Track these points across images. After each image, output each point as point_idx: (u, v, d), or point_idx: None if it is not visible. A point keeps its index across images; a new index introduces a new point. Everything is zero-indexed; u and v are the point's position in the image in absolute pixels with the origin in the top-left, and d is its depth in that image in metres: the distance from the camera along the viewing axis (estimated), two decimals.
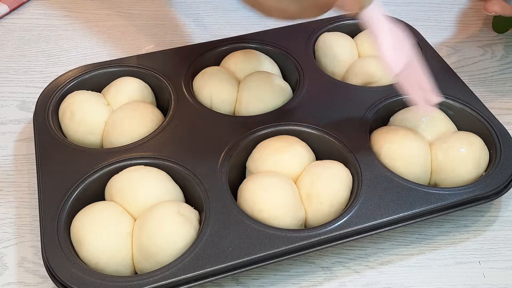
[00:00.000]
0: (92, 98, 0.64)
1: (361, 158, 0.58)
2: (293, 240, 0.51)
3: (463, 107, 0.64)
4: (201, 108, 0.65)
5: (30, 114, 0.69)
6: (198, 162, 0.58)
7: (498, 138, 0.61)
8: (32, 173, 0.62)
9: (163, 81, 0.67)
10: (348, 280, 0.55)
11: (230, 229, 0.52)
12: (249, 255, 0.50)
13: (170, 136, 0.61)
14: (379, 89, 0.67)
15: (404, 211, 0.54)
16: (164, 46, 0.77)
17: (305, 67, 0.69)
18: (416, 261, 0.56)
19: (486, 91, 0.74)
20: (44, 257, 0.51)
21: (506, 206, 0.61)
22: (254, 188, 0.55)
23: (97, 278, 0.49)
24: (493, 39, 0.83)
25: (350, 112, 0.63)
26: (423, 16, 0.87)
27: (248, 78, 0.67)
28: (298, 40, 0.73)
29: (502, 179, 0.57)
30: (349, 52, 0.72)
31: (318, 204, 0.55)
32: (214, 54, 0.72)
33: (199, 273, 0.49)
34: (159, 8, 0.87)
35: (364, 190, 0.56)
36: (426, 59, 0.71)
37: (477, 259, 0.57)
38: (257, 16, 0.87)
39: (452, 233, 0.59)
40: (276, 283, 0.55)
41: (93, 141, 0.63)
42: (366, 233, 0.53)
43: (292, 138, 0.60)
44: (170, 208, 0.53)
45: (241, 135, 0.61)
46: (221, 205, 0.54)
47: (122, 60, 0.71)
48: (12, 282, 0.54)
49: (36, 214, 0.57)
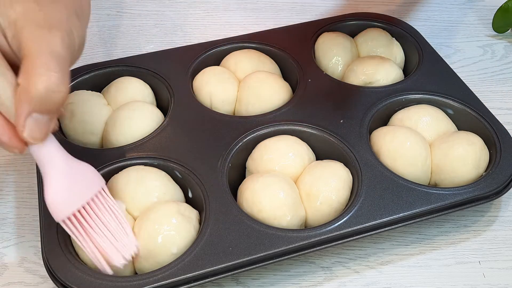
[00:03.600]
0: (92, 98, 0.64)
1: (361, 158, 0.58)
2: (293, 240, 0.51)
3: (463, 107, 0.64)
4: (201, 108, 0.65)
5: None
6: (198, 162, 0.58)
7: (498, 138, 0.61)
8: (32, 173, 0.62)
9: (163, 81, 0.67)
10: (348, 280, 0.55)
11: (230, 229, 0.52)
12: (249, 255, 0.50)
13: (170, 136, 0.61)
14: (379, 89, 0.67)
15: (404, 211, 0.54)
16: (164, 46, 0.77)
17: (305, 67, 0.69)
18: (416, 261, 0.56)
19: (486, 91, 0.74)
20: (44, 257, 0.51)
21: (506, 206, 0.61)
22: (254, 188, 0.55)
23: (97, 278, 0.49)
24: (493, 39, 0.83)
25: (350, 112, 0.63)
26: (423, 16, 0.86)
27: (248, 78, 0.67)
28: (298, 40, 0.73)
29: (502, 179, 0.57)
30: (349, 52, 0.72)
31: (318, 204, 0.55)
32: (214, 54, 0.72)
33: (199, 273, 0.49)
34: (159, 8, 0.87)
35: (364, 190, 0.56)
36: (426, 59, 0.71)
37: (477, 259, 0.57)
38: (257, 16, 0.87)
39: (452, 233, 0.59)
40: (276, 283, 0.55)
41: (93, 141, 0.63)
42: (366, 233, 0.53)
43: (292, 138, 0.60)
44: (170, 208, 0.53)
45: (241, 135, 0.61)
46: (221, 205, 0.54)
47: (122, 60, 0.71)
48: (12, 282, 0.54)
49: (36, 214, 0.57)
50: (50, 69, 0.41)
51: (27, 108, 0.41)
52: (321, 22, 0.76)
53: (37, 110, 0.41)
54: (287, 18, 0.85)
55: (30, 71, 0.41)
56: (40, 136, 0.43)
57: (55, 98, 0.41)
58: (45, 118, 0.43)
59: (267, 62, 0.70)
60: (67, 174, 0.47)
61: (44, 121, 0.43)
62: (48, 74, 0.41)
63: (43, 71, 0.41)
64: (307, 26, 0.76)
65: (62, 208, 0.47)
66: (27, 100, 0.41)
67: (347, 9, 0.83)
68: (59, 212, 0.47)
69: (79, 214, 0.48)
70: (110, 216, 0.50)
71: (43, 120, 0.42)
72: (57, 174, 0.47)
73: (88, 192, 0.49)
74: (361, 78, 0.68)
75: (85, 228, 0.48)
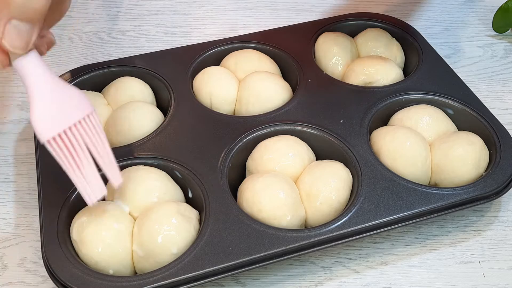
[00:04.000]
0: (92, 98, 0.64)
1: (361, 158, 0.58)
2: (293, 240, 0.51)
3: (463, 107, 0.64)
4: (201, 108, 0.65)
5: None
6: (198, 162, 0.58)
7: (498, 138, 0.61)
8: (32, 173, 0.62)
9: (163, 81, 0.67)
10: (348, 280, 0.55)
11: (230, 229, 0.52)
12: (249, 255, 0.50)
13: (170, 136, 0.61)
14: (379, 89, 0.67)
15: (404, 211, 0.54)
16: (164, 46, 0.77)
17: (305, 67, 0.69)
18: (416, 261, 0.56)
19: (486, 91, 0.74)
20: (44, 257, 0.51)
21: (506, 206, 0.61)
22: (254, 188, 0.55)
23: (97, 278, 0.49)
24: (493, 39, 0.83)
25: (350, 112, 0.63)
26: (423, 16, 0.86)
27: (248, 78, 0.67)
28: (298, 40, 0.73)
29: (502, 179, 0.57)
30: (349, 52, 0.72)
31: (318, 204, 0.55)
32: (214, 54, 0.72)
33: (199, 273, 0.49)
34: (159, 8, 0.87)
35: (364, 190, 0.56)
36: (426, 59, 0.71)
37: (477, 259, 0.57)
38: (257, 16, 0.87)
39: (452, 233, 0.59)
40: (276, 283, 0.55)
41: None
42: (366, 233, 0.53)
43: (292, 138, 0.60)
44: (170, 208, 0.53)
45: (241, 135, 0.61)
46: (221, 205, 0.54)
47: (122, 60, 0.71)
48: (12, 282, 0.54)
49: (36, 214, 0.57)
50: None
51: (6, 15, 0.41)
52: (321, 22, 0.77)
53: (15, 16, 0.41)
54: (287, 18, 0.85)
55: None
56: (20, 44, 0.42)
57: (34, 4, 0.41)
58: (26, 26, 0.42)
59: (267, 62, 0.70)
60: (53, 92, 0.46)
61: (25, 30, 0.42)
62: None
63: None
64: (307, 26, 0.76)
65: (47, 127, 0.45)
66: (6, 5, 0.41)
67: (347, 9, 0.83)
68: (44, 131, 0.45)
69: (65, 137, 0.46)
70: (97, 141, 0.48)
71: (24, 28, 0.42)
72: (42, 91, 0.45)
73: (75, 114, 0.47)
74: (361, 78, 0.68)
75: (71, 152, 0.47)
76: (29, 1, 0.41)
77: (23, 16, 0.41)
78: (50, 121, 0.45)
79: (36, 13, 0.42)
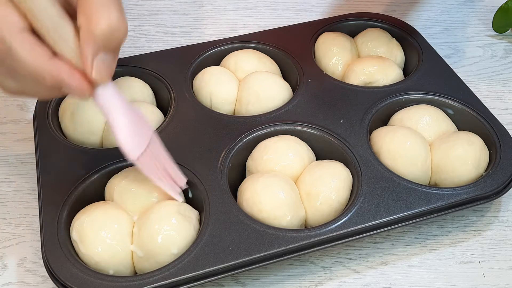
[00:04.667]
0: None
1: (361, 158, 0.58)
2: (293, 240, 0.51)
3: (463, 107, 0.64)
4: (201, 108, 0.65)
5: (30, 114, 0.69)
6: (198, 162, 0.58)
7: (498, 138, 0.61)
8: (32, 173, 0.62)
9: (163, 81, 0.67)
10: (348, 280, 0.55)
11: (230, 229, 0.52)
12: (249, 255, 0.50)
13: (170, 136, 0.61)
14: (379, 89, 0.67)
15: (404, 211, 0.54)
16: (164, 46, 0.77)
17: (305, 67, 0.69)
18: (416, 261, 0.56)
19: (486, 91, 0.74)
20: (44, 257, 0.51)
21: (506, 206, 0.61)
22: (254, 188, 0.55)
23: (97, 278, 0.49)
24: (493, 39, 0.83)
25: (350, 112, 0.63)
26: (423, 16, 0.87)
27: (248, 78, 0.67)
28: (298, 40, 0.73)
29: (502, 179, 0.57)
30: (349, 52, 0.72)
31: (318, 204, 0.55)
32: (214, 54, 0.72)
33: (199, 273, 0.49)
34: (159, 8, 0.87)
35: (364, 190, 0.56)
36: (426, 59, 0.71)
37: (477, 259, 0.57)
38: (257, 16, 0.87)
39: (452, 233, 0.59)
40: (276, 283, 0.55)
41: (93, 141, 0.62)
42: (366, 233, 0.53)
43: (292, 138, 0.60)
44: (170, 208, 0.53)
45: (241, 135, 0.61)
46: (221, 205, 0.54)
47: (122, 60, 0.71)
48: (12, 282, 0.54)
49: (36, 214, 0.57)
50: (109, 7, 0.42)
51: (93, 48, 0.42)
52: (321, 22, 0.76)
53: (102, 49, 0.42)
54: (287, 18, 0.85)
55: (89, 12, 0.42)
56: (106, 75, 0.45)
57: (117, 35, 0.42)
58: (110, 57, 0.44)
59: (267, 62, 0.70)
60: (131, 115, 0.48)
61: (109, 60, 0.44)
62: (108, 12, 0.42)
63: (103, 10, 0.42)
64: (307, 26, 0.76)
65: (133, 147, 0.49)
66: (92, 40, 0.42)
67: (347, 9, 0.83)
68: (132, 151, 0.49)
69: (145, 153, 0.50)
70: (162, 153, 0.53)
71: (108, 59, 0.44)
72: (124, 114, 0.48)
73: (148, 132, 0.51)
74: (361, 78, 0.68)
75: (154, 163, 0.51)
76: (113, 33, 0.42)
77: (108, 47, 0.43)
78: (134, 141, 0.49)
79: (119, 43, 0.43)
